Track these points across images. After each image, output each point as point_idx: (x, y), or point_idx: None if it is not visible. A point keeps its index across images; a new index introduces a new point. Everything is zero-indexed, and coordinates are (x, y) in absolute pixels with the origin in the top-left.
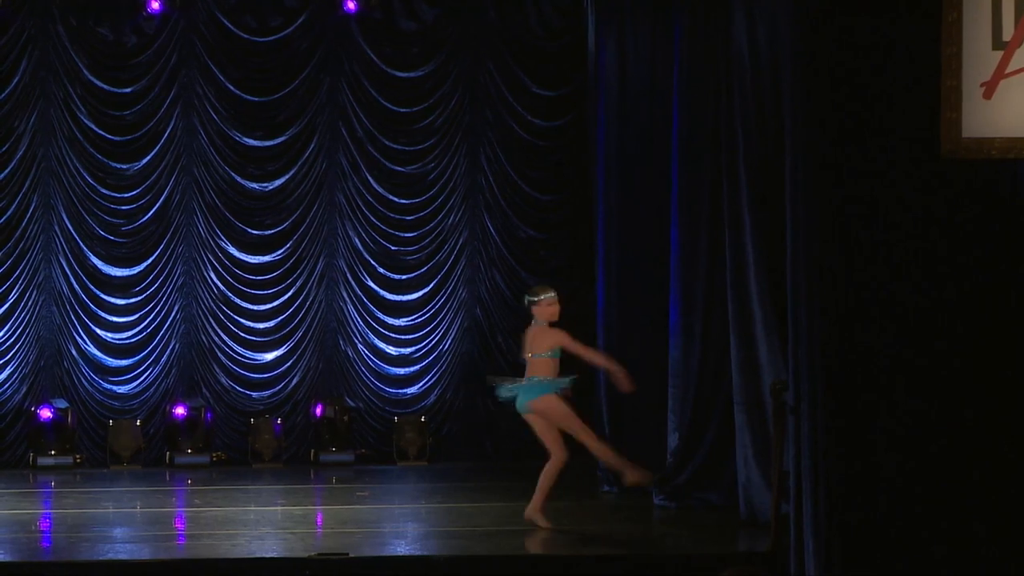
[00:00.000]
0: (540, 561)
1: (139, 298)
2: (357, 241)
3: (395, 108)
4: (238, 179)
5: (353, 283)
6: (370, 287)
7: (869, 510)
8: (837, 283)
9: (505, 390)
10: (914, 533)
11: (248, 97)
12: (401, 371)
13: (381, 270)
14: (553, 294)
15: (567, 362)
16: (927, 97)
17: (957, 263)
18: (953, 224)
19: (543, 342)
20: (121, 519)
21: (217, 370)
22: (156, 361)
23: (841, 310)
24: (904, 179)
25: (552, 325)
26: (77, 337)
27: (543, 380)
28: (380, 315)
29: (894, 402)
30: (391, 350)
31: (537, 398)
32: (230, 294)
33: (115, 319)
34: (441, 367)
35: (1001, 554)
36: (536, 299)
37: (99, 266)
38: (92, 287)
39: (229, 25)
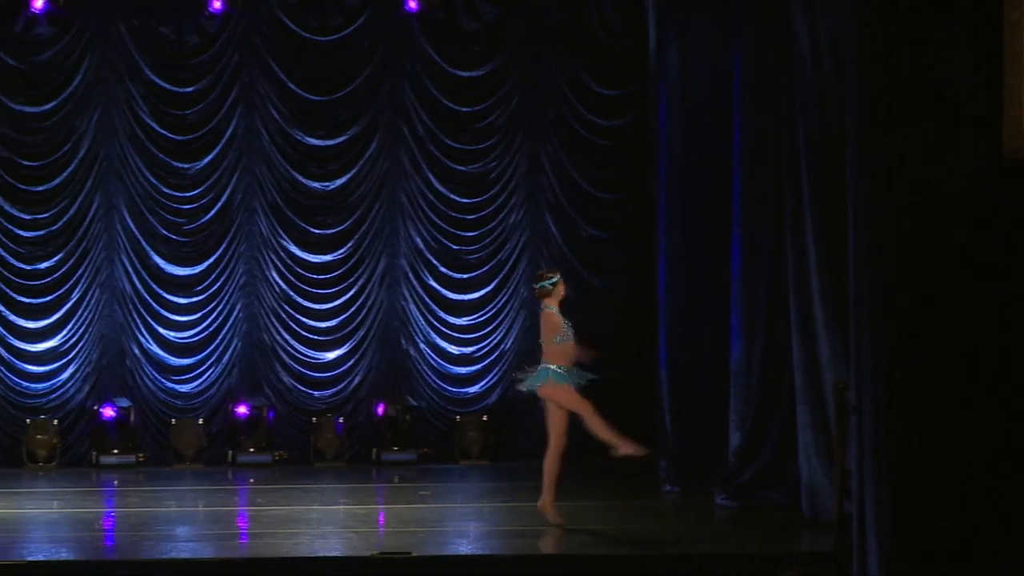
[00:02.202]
0: (602, 561)
1: (201, 297)
2: (419, 240)
3: (456, 107)
4: (300, 178)
5: (415, 282)
6: (432, 286)
7: (932, 509)
8: (899, 283)
9: (525, 382)
10: (977, 533)
11: (309, 96)
12: (463, 370)
13: (443, 269)
14: (558, 276)
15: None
16: (990, 97)
17: (1020, 263)
18: (1016, 224)
19: (555, 329)
20: (184, 518)
21: (279, 369)
22: (218, 360)
23: (903, 310)
24: (967, 179)
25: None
26: (139, 336)
27: (553, 368)
28: (442, 314)
29: (957, 402)
30: (453, 349)
31: (543, 383)
32: (292, 293)
33: (177, 318)
34: (503, 366)
35: None
36: (538, 285)
37: (161, 265)
38: (154, 286)
39: (290, 24)
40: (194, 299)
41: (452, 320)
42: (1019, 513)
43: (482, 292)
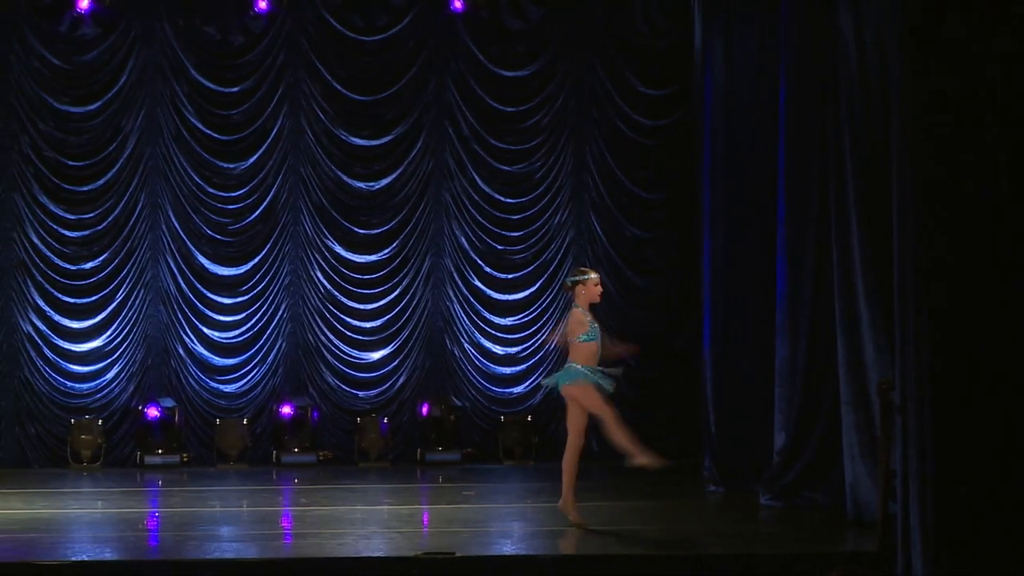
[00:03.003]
0: (646, 561)
1: (246, 297)
2: (463, 240)
3: (501, 107)
4: (345, 178)
5: (459, 282)
6: (476, 286)
7: (976, 509)
8: (944, 283)
9: (549, 380)
10: (1022, 533)
11: (354, 96)
12: (507, 370)
13: (487, 269)
14: (595, 276)
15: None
16: None
17: None
18: None
19: (577, 327)
20: (228, 518)
21: (323, 369)
22: (263, 360)
23: (948, 310)
24: (1014, 179)
25: (592, 307)
26: (184, 336)
27: (580, 367)
28: (486, 314)
29: (1002, 402)
30: (497, 349)
31: (571, 383)
32: (337, 293)
33: (222, 318)
34: (547, 366)
35: None
36: (577, 280)
37: (206, 265)
38: (199, 286)
39: (336, 24)
40: (239, 299)
41: (497, 320)
42: None
43: (527, 292)
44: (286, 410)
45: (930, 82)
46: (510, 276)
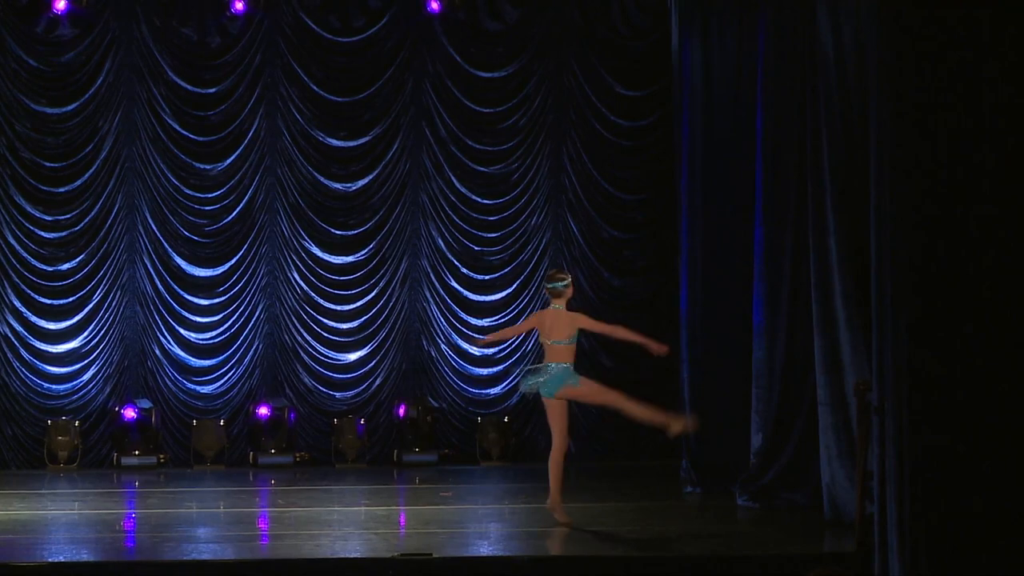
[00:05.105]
0: (623, 562)
1: (223, 298)
2: (440, 241)
3: (478, 108)
4: (322, 179)
5: (436, 283)
6: (453, 287)
7: (953, 510)
8: (922, 283)
9: (527, 383)
10: (1000, 534)
11: (332, 97)
12: (484, 371)
13: (464, 270)
14: (569, 279)
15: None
16: (1020, 94)
17: None
18: None
19: (565, 328)
20: (205, 519)
21: (300, 370)
22: (240, 361)
23: (926, 310)
24: (993, 178)
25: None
26: (161, 337)
27: (570, 367)
28: (463, 315)
29: (979, 402)
30: (474, 350)
31: (569, 385)
32: (313, 294)
33: (199, 319)
34: (524, 368)
35: None
36: (560, 284)
37: (183, 266)
38: (176, 287)
39: (313, 25)
40: (216, 300)
41: (473, 321)
42: None
43: (503, 293)
44: (263, 411)
45: (909, 83)
46: (487, 277)
